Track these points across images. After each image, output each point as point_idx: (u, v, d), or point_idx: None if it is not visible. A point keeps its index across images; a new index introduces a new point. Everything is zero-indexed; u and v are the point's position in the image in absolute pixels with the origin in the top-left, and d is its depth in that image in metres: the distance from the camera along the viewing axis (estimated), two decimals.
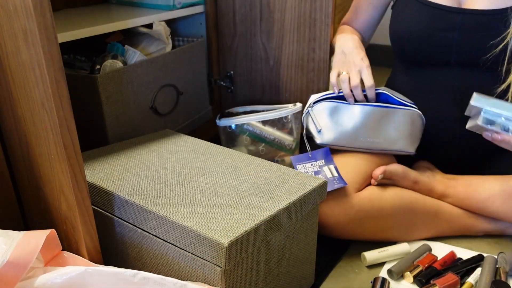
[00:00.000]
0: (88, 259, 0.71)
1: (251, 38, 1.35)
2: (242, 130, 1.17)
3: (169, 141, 0.97)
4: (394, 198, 0.97)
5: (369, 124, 0.99)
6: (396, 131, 1.00)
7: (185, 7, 1.24)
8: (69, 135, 0.64)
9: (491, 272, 0.87)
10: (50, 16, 0.58)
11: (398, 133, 1.00)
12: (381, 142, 1.00)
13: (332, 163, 0.99)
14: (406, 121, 1.00)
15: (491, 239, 1.02)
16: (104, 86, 0.97)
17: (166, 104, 1.16)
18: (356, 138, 1.00)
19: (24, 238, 0.64)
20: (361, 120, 0.99)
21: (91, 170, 0.83)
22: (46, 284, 0.63)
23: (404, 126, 1.00)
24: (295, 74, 1.37)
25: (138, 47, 1.18)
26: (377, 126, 0.99)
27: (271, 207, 0.71)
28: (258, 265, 0.71)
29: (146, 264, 0.76)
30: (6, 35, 0.63)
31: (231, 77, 1.43)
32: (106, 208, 0.78)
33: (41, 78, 0.61)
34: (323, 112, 1.01)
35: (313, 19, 1.25)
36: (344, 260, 0.96)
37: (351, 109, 0.99)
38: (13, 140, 0.74)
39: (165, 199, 0.73)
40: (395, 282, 0.89)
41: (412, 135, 1.01)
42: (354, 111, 0.99)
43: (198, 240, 0.65)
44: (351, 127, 0.99)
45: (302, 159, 1.02)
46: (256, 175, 0.82)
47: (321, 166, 0.99)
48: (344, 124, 0.99)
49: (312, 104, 1.02)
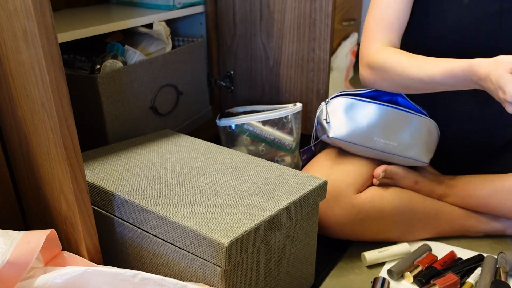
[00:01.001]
0: (88, 259, 0.71)
1: (251, 38, 1.35)
2: (242, 130, 1.17)
3: (169, 141, 0.97)
4: (395, 198, 0.97)
5: (385, 125, 0.97)
6: (411, 137, 0.97)
7: (185, 7, 1.24)
8: (69, 135, 0.64)
9: (491, 272, 0.87)
10: (50, 16, 0.58)
11: (413, 140, 0.97)
12: (395, 145, 0.97)
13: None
14: (422, 129, 0.98)
15: (491, 239, 1.02)
16: (104, 86, 0.96)
17: (166, 104, 1.16)
18: (370, 137, 0.97)
19: (24, 238, 0.64)
20: (376, 119, 0.96)
21: (91, 170, 0.83)
22: (46, 285, 0.63)
23: (420, 133, 0.98)
24: (295, 74, 1.37)
25: (138, 47, 1.18)
26: (393, 129, 0.97)
27: (271, 207, 0.71)
28: (258, 265, 0.71)
29: (146, 264, 0.76)
30: (6, 35, 0.63)
31: (231, 77, 1.43)
32: (106, 208, 0.78)
33: (41, 78, 0.61)
34: (339, 107, 0.98)
35: (313, 19, 1.25)
36: (344, 260, 0.96)
37: (368, 107, 0.97)
38: (13, 140, 0.74)
39: (165, 199, 0.73)
40: (395, 282, 0.89)
41: (428, 145, 0.99)
42: (370, 109, 0.97)
43: (198, 240, 0.65)
44: (366, 124, 0.96)
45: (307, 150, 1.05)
46: (256, 175, 0.82)
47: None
48: (359, 121, 0.97)
49: (328, 100, 1.00)
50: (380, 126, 0.97)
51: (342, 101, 0.98)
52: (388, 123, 0.97)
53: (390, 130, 0.97)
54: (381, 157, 1.00)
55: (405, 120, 0.98)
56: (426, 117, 0.99)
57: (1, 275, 0.59)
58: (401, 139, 0.97)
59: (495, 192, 0.96)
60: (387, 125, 0.97)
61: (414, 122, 0.98)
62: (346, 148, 1.01)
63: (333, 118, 0.98)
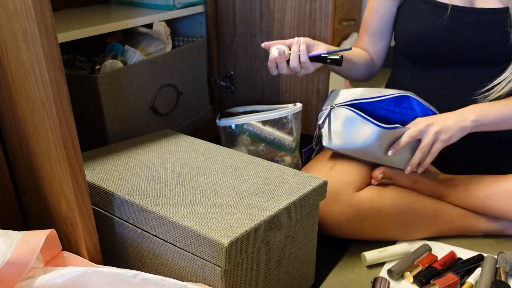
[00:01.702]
0: (88, 259, 0.71)
1: (251, 38, 1.35)
2: (242, 130, 1.17)
3: (169, 141, 0.97)
4: (394, 198, 0.97)
5: (382, 145, 0.95)
6: (410, 151, 0.95)
7: (185, 7, 1.24)
8: (69, 135, 0.64)
9: (491, 272, 0.87)
10: (50, 16, 0.58)
11: (412, 152, 0.95)
12: (392, 159, 0.96)
13: None
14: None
15: (491, 239, 1.02)
16: (104, 86, 0.96)
17: (166, 104, 1.16)
18: (364, 153, 0.96)
19: (24, 238, 0.64)
20: (373, 140, 0.94)
21: (91, 170, 0.83)
22: (46, 285, 0.63)
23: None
24: None
25: (138, 47, 1.18)
26: (390, 146, 0.95)
27: (271, 207, 0.71)
28: (258, 265, 0.71)
29: (146, 264, 0.76)
30: (6, 35, 0.63)
31: (231, 77, 1.43)
32: (106, 208, 0.78)
33: (41, 78, 0.61)
34: (340, 118, 0.96)
35: (313, 19, 1.25)
36: (344, 260, 0.96)
37: (367, 128, 0.94)
38: (13, 140, 0.74)
39: (165, 199, 0.73)
40: (395, 282, 0.89)
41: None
42: (369, 130, 0.94)
43: (198, 240, 0.65)
44: (360, 142, 0.95)
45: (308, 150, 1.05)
46: (256, 175, 0.82)
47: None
48: (355, 137, 0.95)
49: (334, 106, 0.98)
50: (376, 146, 0.95)
51: (345, 114, 0.95)
52: (386, 143, 0.95)
53: (387, 148, 0.95)
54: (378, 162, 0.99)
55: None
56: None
57: (1, 275, 0.59)
58: (398, 154, 0.96)
59: (494, 194, 0.96)
60: (384, 144, 0.95)
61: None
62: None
63: (332, 126, 0.97)
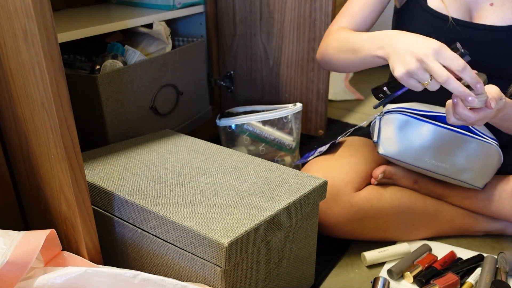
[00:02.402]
0: (88, 259, 0.71)
1: (251, 38, 1.35)
2: (242, 130, 1.17)
3: (169, 141, 0.97)
4: (393, 197, 0.97)
5: (438, 147, 0.92)
6: (466, 161, 0.93)
7: (185, 7, 1.24)
8: (69, 135, 0.64)
9: (491, 272, 0.87)
10: (50, 16, 0.58)
11: (468, 163, 0.92)
12: (447, 168, 0.94)
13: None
14: (480, 153, 0.92)
15: (491, 239, 1.02)
16: (104, 86, 0.97)
17: (166, 104, 1.16)
18: (421, 157, 0.93)
19: (24, 238, 0.64)
20: (430, 140, 0.92)
21: (91, 170, 0.83)
22: (46, 285, 0.63)
23: (476, 157, 0.92)
24: (295, 74, 1.37)
25: (138, 47, 1.18)
26: (447, 151, 0.93)
27: (271, 207, 0.71)
28: (258, 265, 0.71)
29: (146, 264, 0.76)
30: (6, 35, 0.63)
31: (231, 77, 1.43)
32: (106, 208, 0.78)
33: (41, 78, 0.61)
34: (392, 123, 0.94)
35: (313, 19, 1.25)
36: (344, 260, 0.96)
37: (423, 127, 0.92)
38: (13, 140, 0.74)
39: (165, 199, 0.73)
40: (395, 282, 0.89)
41: (484, 170, 0.93)
42: (425, 130, 0.92)
43: (198, 240, 0.65)
44: (418, 145, 0.92)
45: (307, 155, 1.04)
46: (256, 175, 0.82)
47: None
48: (411, 140, 0.93)
49: (383, 113, 0.96)
50: (433, 147, 0.92)
51: (397, 117, 0.94)
52: (443, 145, 0.92)
53: (443, 152, 0.93)
54: (431, 175, 0.97)
55: (461, 143, 0.92)
56: (488, 140, 0.92)
57: (1, 275, 0.59)
58: (454, 161, 0.93)
59: (494, 196, 0.96)
60: (441, 147, 0.92)
61: (472, 145, 0.92)
62: (395, 163, 0.99)
63: (385, 133, 0.95)
